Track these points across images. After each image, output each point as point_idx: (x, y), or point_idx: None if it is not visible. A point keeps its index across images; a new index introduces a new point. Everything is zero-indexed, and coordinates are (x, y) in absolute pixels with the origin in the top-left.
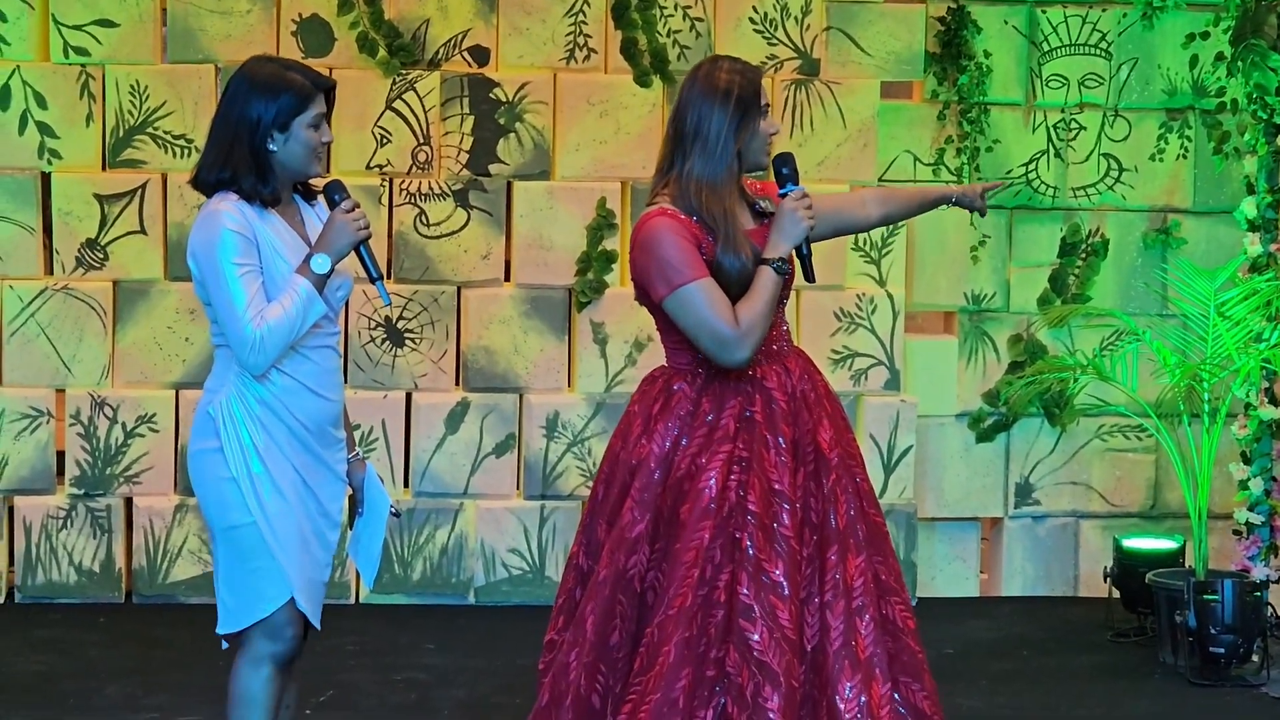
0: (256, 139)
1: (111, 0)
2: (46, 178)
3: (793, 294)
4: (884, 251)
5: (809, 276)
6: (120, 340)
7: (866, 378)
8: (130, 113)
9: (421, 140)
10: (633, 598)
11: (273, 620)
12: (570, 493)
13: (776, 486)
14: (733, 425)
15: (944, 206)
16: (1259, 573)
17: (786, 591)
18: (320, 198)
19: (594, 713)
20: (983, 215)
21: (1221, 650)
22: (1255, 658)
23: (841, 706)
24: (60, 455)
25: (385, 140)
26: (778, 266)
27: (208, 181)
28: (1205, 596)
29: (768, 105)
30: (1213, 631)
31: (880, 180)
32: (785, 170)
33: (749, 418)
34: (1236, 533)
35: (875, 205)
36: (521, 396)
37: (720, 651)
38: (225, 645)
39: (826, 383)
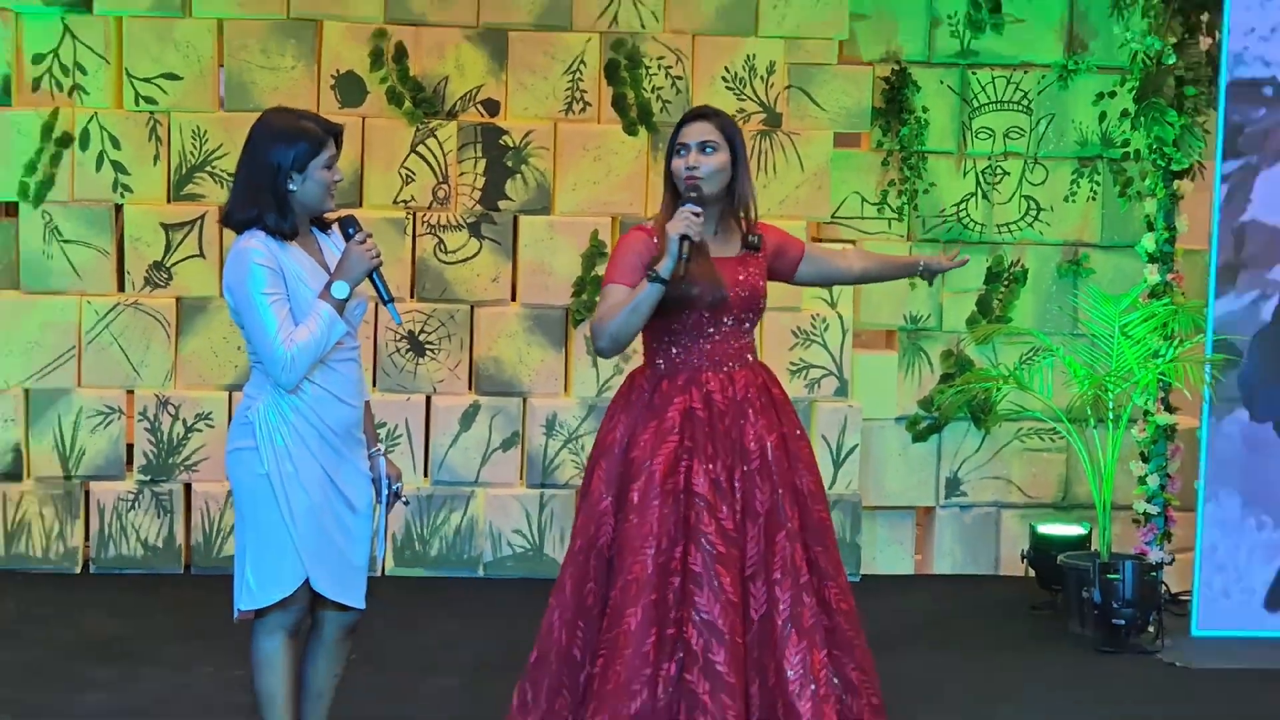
0: (278, 181)
1: (176, 56)
2: (119, 209)
3: (761, 316)
4: None
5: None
6: (182, 349)
7: (819, 386)
8: (191, 153)
9: (441, 179)
10: (602, 564)
11: (288, 599)
12: (565, 482)
13: (716, 477)
14: (679, 419)
15: (915, 275)
16: (1154, 555)
17: (729, 564)
18: (334, 227)
19: (575, 664)
20: (929, 280)
21: (1122, 622)
22: (1151, 629)
23: (787, 668)
24: (130, 447)
25: (410, 179)
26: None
27: (238, 221)
28: (1109, 576)
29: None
30: (1115, 606)
31: (833, 216)
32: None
33: (692, 412)
34: (1135, 521)
35: (859, 263)
36: (525, 400)
37: (678, 614)
38: (236, 618)
39: (784, 394)
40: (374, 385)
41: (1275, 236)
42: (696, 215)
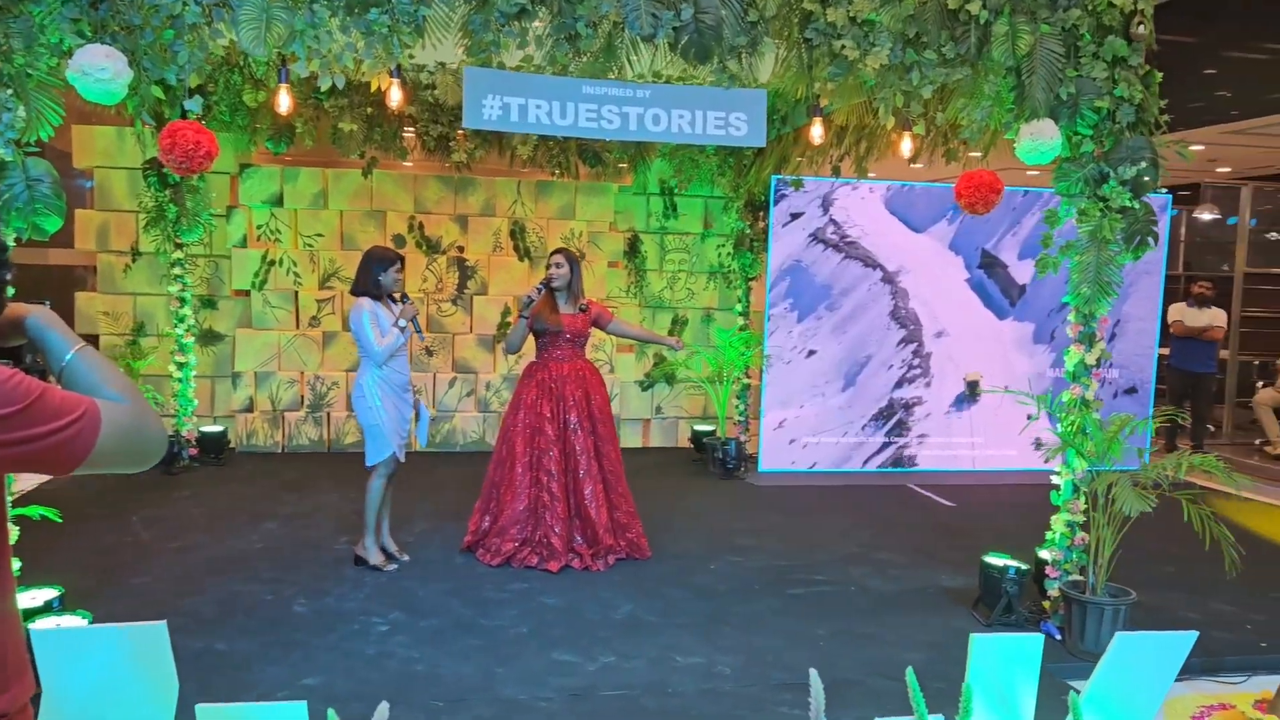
0: (373, 276)
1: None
2: (297, 293)
3: (585, 341)
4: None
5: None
6: (326, 352)
7: (614, 368)
8: (327, 268)
9: (438, 280)
10: (509, 443)
11: (386, 460)
12: (495, 410)
13: (554, 407)
14: (538, 381)
15: (670, 347)
16: (744, 437)
17: (556, 447)
18: (398, 300)
19: (494, 486)
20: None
21: (731, 466)
22: (743, 469)
23: (585, 492)
24: (302, 397)
25: (425, 280)
26: None
27: (355, 292)
28: (725, 446)
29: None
30: (721, 456)
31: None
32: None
33: (543, 379)
34: (736, 423)
35: (636, 331)
36: (476, 375)
37: (535, 467)
38: (367, 466)
39: (597, 376)
40: (413, 369)
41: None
42: (539, 292)
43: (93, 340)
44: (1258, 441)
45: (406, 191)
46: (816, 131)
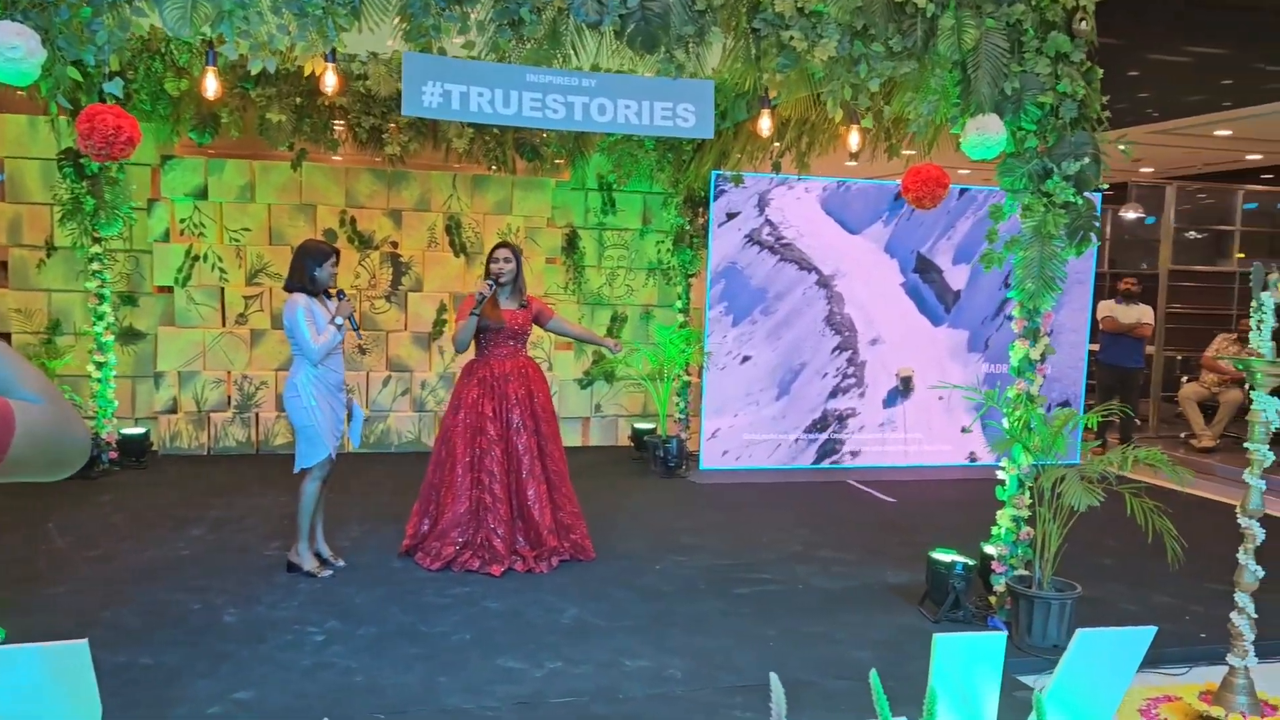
0: (308, 271)
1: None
2: (223, 289)
3: (527, 338)
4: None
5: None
6: (254, 351)
7: (552, 367)
8: (255, 264)
9: (371, 276)
10: (449, 443)
11: (321, 462)
12: (431, 409)
13: (495, 406)
14: (479, 378)
15: (608, 348)
16: (684, 435)
17: (499, 446)
18: (333, 296)
19: (434, 488)
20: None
21: (672, 464)
22: (684, 467)
23: (528, 492)
24: (229, 397)
25: (358, 276)
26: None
27: (289, 288)
28: (666, 444)
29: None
30: (663, 454)
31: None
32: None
33: (485, 377)
34: (676, 421)
35: (576, 330)
36: (411, 373)
37: (477, 468)
38: (296, 472)
39: (539, 372)
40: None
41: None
42: (490, 289)
43: (4, 338)
44: (1183, 435)
45: (337, 185)
46: (765, 124)
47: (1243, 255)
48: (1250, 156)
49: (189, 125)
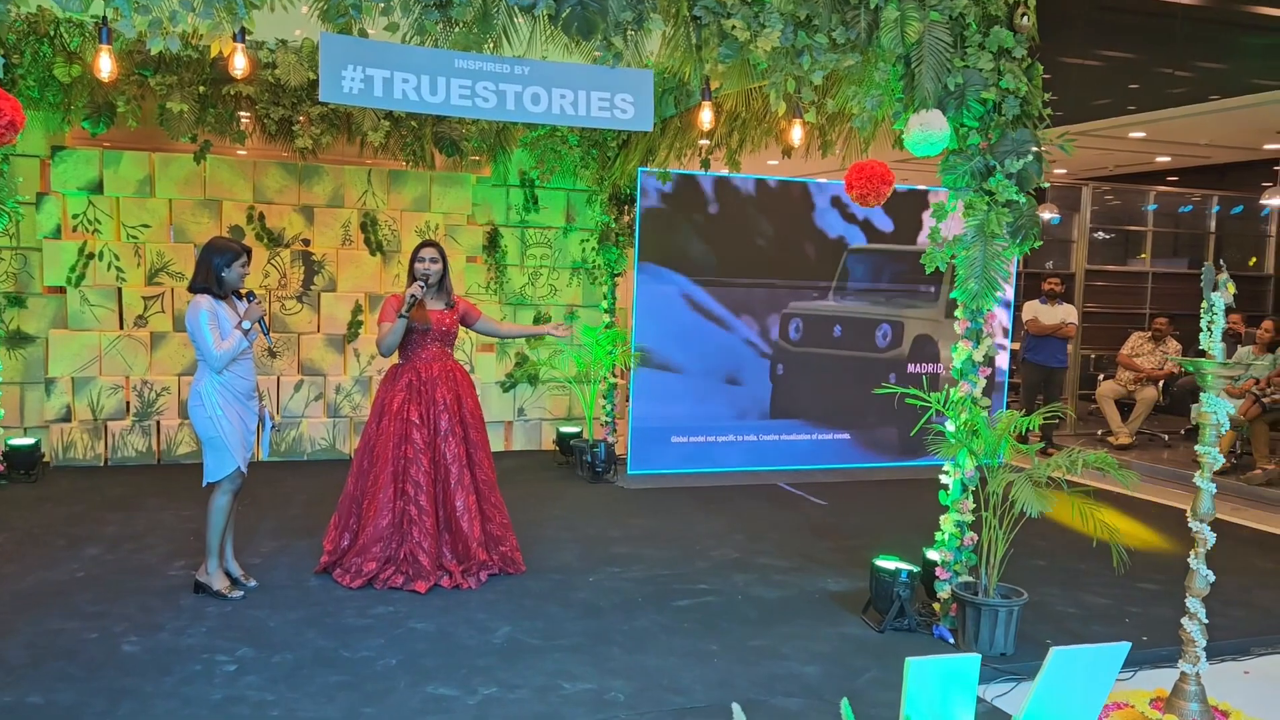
0: (214, 270)
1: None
2: (120, 290)
3: (454, 340)
4: None
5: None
6: (154, 355)
7: (474, 368)
8: (155, 263)
9: (282, 275)
10: (369, 453)
11: (230, 474)
12: (346, 415)
13: (422, 412)
14: (406, 383)
15: (539, 337)
16: (611, 438)
17: (426, 455)
18: (243, 298)
19: (356, 500)
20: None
21: (600, 469)
22: (611, 471)
23: (456, 503)
24: (128, 404)
25: (267, 275)
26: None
27: (194, 289)
28: (594, 448)
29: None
30: (590, 459)
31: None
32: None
33: (411, 382)
34: (603, 425)
35: (505, 328)
36: (325, 377)
37: (402, 478)
38: (205, 485)
39: (466, 376)
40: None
41: None
42: (422, 290)
43: None
44: (1100, 433)
45: (244, 179)
46: (706, 116)
47: (1144, 255)
48: (1160, 159)
49: (82, 114)
